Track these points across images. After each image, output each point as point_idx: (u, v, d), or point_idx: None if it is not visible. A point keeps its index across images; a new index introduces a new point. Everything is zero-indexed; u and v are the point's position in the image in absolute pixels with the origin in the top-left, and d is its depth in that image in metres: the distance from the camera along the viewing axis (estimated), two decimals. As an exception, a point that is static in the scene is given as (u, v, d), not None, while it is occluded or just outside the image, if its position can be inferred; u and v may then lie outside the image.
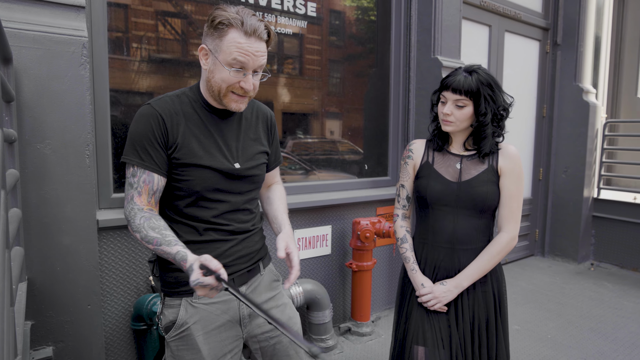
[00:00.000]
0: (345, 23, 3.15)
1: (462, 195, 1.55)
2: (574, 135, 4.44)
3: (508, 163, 1.57)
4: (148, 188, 1.25)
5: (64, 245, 1.78)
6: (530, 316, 3.28)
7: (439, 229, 1.59)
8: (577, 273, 4.28)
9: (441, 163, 1.61)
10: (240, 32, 1.18)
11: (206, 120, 1.32)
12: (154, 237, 1.18)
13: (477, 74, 1.51)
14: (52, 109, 1.72)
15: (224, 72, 1.21)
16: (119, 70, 2.27)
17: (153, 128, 1.24)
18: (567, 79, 4.47)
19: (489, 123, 1.52)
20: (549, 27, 4.51)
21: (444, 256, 1.60)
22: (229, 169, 1.31)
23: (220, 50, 1.20)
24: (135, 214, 1.22)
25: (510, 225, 1.57)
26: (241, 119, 1.41)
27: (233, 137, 1.36)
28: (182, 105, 1.30)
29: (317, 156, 3.11)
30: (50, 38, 1.70)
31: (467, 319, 1.57)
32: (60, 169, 1.75)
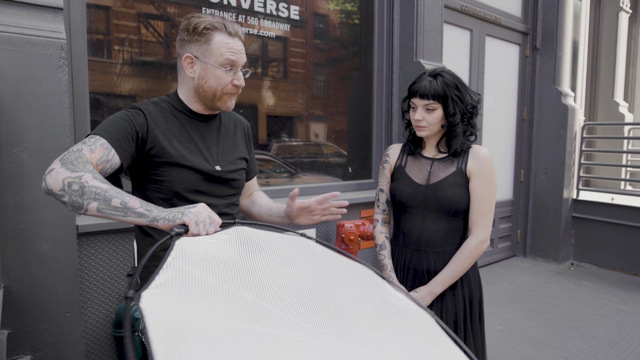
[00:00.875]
0: (329, 26, 3.17)
1: (429, 198, 1.57)
2: (554, 137, 4.54)
3: (477, 165, 1.56)
4: (103, 153, 1.12)
5: (42, 252, 1.75)
6: (513, 316, 3.33)
7: (408, 230, 1.63)
8: (557, 273, 4.36)
9: (413, 166, 1.65)
10: (225, 34, 1.26)
11: (186, 125, 1.35)
12: (104, 189, 1.00)
13: (442, 77, 1.53)
14: (29, 112, 1.68)
15: (218, 73, 1.26)
16: (99, 73, 2.24)
17: (132, 120, 1.22)
18: (547, 83, 4.57)
19: (459, 122, 1.55)
20: (528, 32, 4.60)
21: (412, 257, 1.63)
22: (210, 170, 1.33)
23: (210, 54, 1.25)
24: (78, 160, 1.04)
25: (479, 228, 1.55)
26: (220, 125, 1.44)
27: (213, 141, 1.39)
28: (161, 111, 1.32)
29: (302, 159, 3.11)
30: (27, 40, 1.66)
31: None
32: (38, 173, 1.71)
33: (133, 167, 1.30)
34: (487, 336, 2.97)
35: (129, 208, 0.99)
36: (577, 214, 4.66)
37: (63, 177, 0.99)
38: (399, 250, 1.68)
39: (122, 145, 1.17)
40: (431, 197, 1.56)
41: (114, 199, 0.99)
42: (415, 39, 3.15)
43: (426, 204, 1.58)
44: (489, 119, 4.39)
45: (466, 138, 1.59)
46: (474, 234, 1.57)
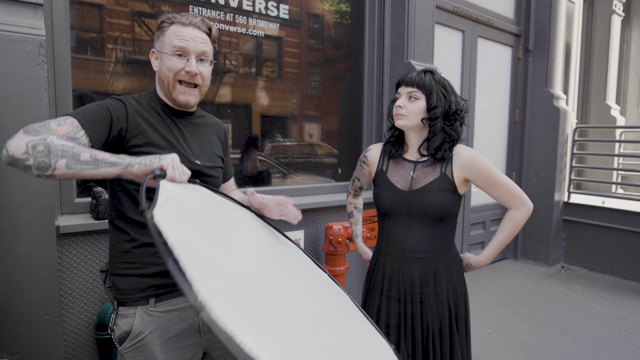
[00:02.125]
0: (319, 26, 3.14)
1: (413, 204, 1.52)
2: (545, 140, 4.53)
3: (468, 171, 1.52)
4: (71, 130, 1.08)
5: (20, 253, 1.71)
6: (502, 319, 3.31)
7: (392, 236, 1.60)
8: (548, 276, 4.36)
9: (395, 171, 1.60)
10: (178, 25, 1.29)
11: (165, 119, 1.35)
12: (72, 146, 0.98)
13: (432, 74, 1.53)
14: (7, 110, 1.64)
15: (168, 60, 1.28)
16: (82, 71, 2.20)
17: (109, 107, 1.20)
18: (539, 85, 4.57)
19: (439, 117, 1.49)
20: (521, 34, 4.60)
21: (395, 264, 1.59)
22: (191, 163, 1.32)
23: (163, 44, 1.30)
24: (44, 126, 1.02)
25: (514, 201, 1.55)
26: (199, 124, 1.45)
27: (191, 137, 1.39)
28: (141, 105, 1.33)
29: (294, 159, 3.08)
30: (4, 36, 1.62)
31: (419, 328, 1.55)
32: (15, 172, 1.67)
33: None
34: (476, 340, 2.96)
35: (100, 159, 0.97)
36: (568, 217, 4.66)
37: (26, 141, 0.95)
38: (383, 256, 1.64)
39: (94, 128, 1.14)
40: (415, 204, 1.51)
41: (82, 153, 0.97)
42: (406, 40, 3.13)
43: (410, 211, 1.53)
44: (480, 121, 4.38)
45: (447, 143, 1.53)
46: (514, 208, 1.56)
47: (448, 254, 1.58)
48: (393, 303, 1.58)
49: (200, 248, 0.72)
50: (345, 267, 2.85)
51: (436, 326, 1.55)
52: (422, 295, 1.55)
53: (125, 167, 0.98)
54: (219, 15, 2.59)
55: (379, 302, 1.62)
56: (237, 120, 2.81)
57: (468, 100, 1.66)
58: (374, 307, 1.63)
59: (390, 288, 1.60)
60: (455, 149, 1.55)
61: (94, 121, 1.14)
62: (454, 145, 1.55)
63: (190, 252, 0.64)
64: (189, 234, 0.73)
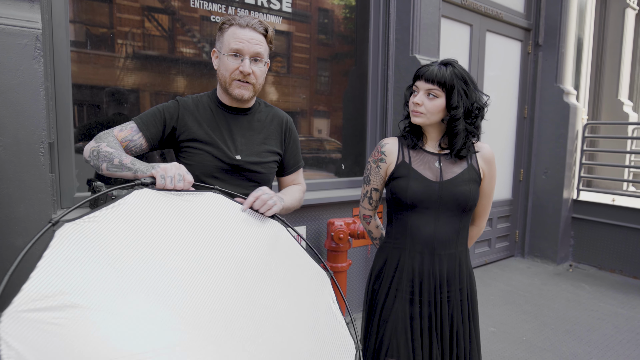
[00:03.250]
0: (323, 19, 3.10)
1: (445, 195, 1.45)
2: (555, 136, 4.45)
3: (487, 166, 1.56)
4: (130, 132, 1.40)
5: (17, 247, 1.71)
6: (507, 318, 3.27)
7: (418, 232, 1.49)
8: (555, 274, 4.29)
9: (419, 162, 1.51)
10: (236, 27, 1.39)
11: (217, 116, 1.48)
12: (109, 152, 1.26)
13: (453, 67, 1.44)
14: (3, 104, 1.64)
15: (226, 61, 1.39)
16: (83, 65, 2.19)
17: (169, 111, 1.44)
18: (548, 80, 4.47)
19: (461, 118, 1.43)
20: (530, 28, 4.50)
21: (424, 262, 1.49)
22: (229, 158, 1.44)
23: (222, 45, 1.42)
24: (104, 135, 1.36)
25: (481, 219, 1.66)
26: (253, 120, 1.53)
27: (240, 133, 1.49)
28: (200, 103, 1.49)
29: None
30: (0, 29, 1.61)
31: (447, 328, 1.50)
32: (12, 167, 1.67)
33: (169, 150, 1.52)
34: (480, 338, 2.92)
35: (123, 164, 1.22)
36: (577, 215, 4.58)
37: (90, 147, 1.31)
38: (404, 255, 1.52)
39: (149, 129, 1.41)
40: (446, 194, 1.45)
41: (115, 159, 1.24)
42: (411, 34, 3.08)
43: (440, 202, 1.46)
44: (488, 117, 4.27)
45: (469, 139, 1.50)
46: (477, 225, 1.67)
47: (467, 249, 1.58)
48: (424, 307, 1.49)
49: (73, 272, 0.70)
50: (347, 263, 2.82)
51: (460, 323, 1.51)
52: (450, 293, 1.50)
53: (135, 171, 1.19)
54: (220, 9, 2.56)
55: (411, 309, 1.50)
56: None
57: (489, 96, 1.60)
58: (404, 312, 1.50)
59: (421, 290, 1.50)
60: (478, 145, 1.55)
61: (149, 123, 1.42)
62: (474, 138, 1.52)
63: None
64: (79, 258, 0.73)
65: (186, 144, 1.44)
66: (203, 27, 2.54)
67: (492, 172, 1.57)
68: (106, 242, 0.80)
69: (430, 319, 1.49)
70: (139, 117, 1.44)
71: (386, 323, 1.52)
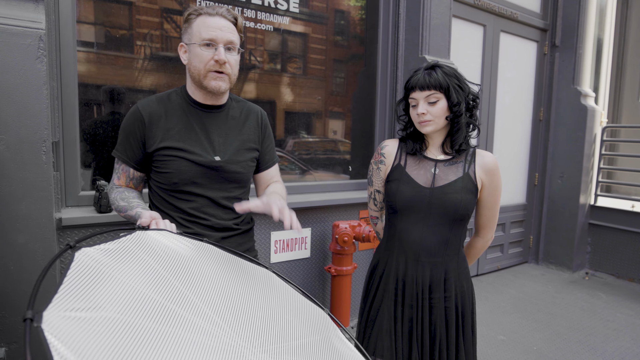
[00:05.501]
0: (331, 20, 3.08)
1: (435, 202, 1.44)
2: (571, 139, 4.33)
3: (487, 177, 1.49)
4: (125, 175, 1.44)
5: (18, 244, 1.73)
6: (517, 326, 3.18)
7: (405, 237, 1.49)
8: (570, 282, 4.17)
9: (414, 167, 1.50)
10: (205, 16, 1.32)
11: (190, 115, 1.40)
12: (123, 206, 1.34)
13: (440, 68, 1.43)
14: (7, 103, 1.66)
15: (198, 51, 1.31)
16: (89, 64, 2.21)
17: (134, 127, 1.37)
18: (565, 82, 4.36)
19: (463, 113, 1.44)
20: (547, 28, 4.39)
21: (409, 268, 1.50)
22: (208, 161, 1.36)
23: (192, 36, 1.33)
24: (112, 190, 1.44)
25: (486, 231, 1.60)
26: (228, 116, 1.46)
27: (217, 132, 1.41)
28: (169, 103, 1.40)
29: (303, 156, 3.04)
30: (4, 30, 1.64)
31: (427, 334, 1.49)
32: (14, 165, 1.69)
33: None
34: (487, 347, 2.85)
35: (119, 209, 1.37)
36: (594, 221, 4.44)
37: (112, 204, 1.44)
38: (391, 258, 1.54)
39: (129, 156, 1.40)
40: (436, 202, 1.44)
41: (115, 203, 1.39)
42: (421, 34, 3.03)
43: (430, 209, 1.45)
44: (503, 119, 4.21)
45: (468, 132, 1.50)
46: (481, 236, 1.61)
47: (459, 257, 1.53)
48: (406, 309, 1.50)
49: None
50: (352, 267, 2.79)
51: (443, 332, 1.49)
52: (432, 300, 1.49)
53: (134, 215, 1.29)
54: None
55: (394, 309, 1.51)
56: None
57: (481, 85, 1.57)
58: (390, 312, 1.52)
59: (404, 293, 1.51)
60: (478, 152, 1.51)
61: (126, 150, 1.40)
62: (473, 130, 1.52)
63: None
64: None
65: (159, 152, 1.36)
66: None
67: (495, 182, 1.50)
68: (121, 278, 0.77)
69: (411, 322, 1.50)
70: (117, 149, 1.42)
71: (374, 323, 1.54)
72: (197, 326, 0.73)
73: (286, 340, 0.84)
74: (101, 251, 0.79)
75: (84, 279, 0.67)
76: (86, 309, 0.61)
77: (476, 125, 1.51)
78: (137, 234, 0.95)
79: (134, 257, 0.84)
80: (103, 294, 0.67)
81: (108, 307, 0.64)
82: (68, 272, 0.65)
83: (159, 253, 0.91)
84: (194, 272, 0.91)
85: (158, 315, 0.70)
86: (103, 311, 0.63)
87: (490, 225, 1.58)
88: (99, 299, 0.65)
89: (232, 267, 1.05)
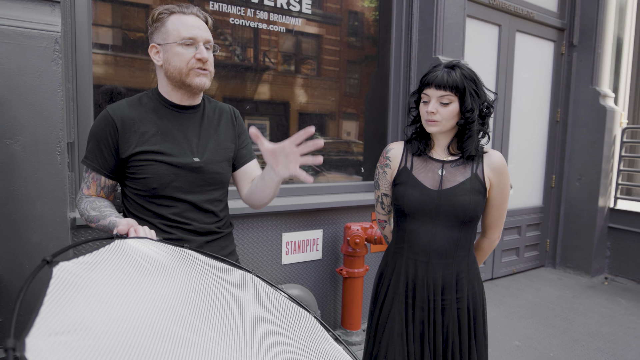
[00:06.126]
0: (344, 20, 3.07)
1: (443, 204, 1.43)
2: (590, 141, 4.23)
3: (495, 175, 1.47)
4: (96, 184, 1.37)
5: (33, 243, 1.76)
6: (533, 332, 3.11)
7: (415, 240, 1.48)
8: (589, 287, 4.07)
9: (421, 169, 1.49)
10: (179, 14, 1.29)
11: (165, 118, 1.35)
12: (94, 215, 1.28)
13: (460, 69, 1.40)
14: (23, 104, 1.69)
15: (178, 50, 1.27)
16: (104, 66, 2.25)
17: (106, 133, 1.31)
18: (584, 82, 4.26)
19: (475, 120, 1.41)
20: (564, 28, 4.31)
21: (419, 270, 1.48)
22: (187, 163, 1.33)
23: (168, 35, 1.28)
24: (81, 200, 1.37)
25: (493, 231, 1.58)
26: (203, 117, 1.42)
27: (194, 133, 1.38)
28: (141, 106, 1.35)
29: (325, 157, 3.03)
30: (21, 33, 1.67)
31: (440, 337, 1.46)
32: (30, 165, 1.72)
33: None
34: (502, 352, 2.79)
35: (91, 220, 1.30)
36: (614, 225, 4.33)
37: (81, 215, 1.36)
38: (401, 260, 1.53)
39: (101, 164, 1.33)
40: (444, 204, 1.42)
41: (86, 213, 1.32)
42: (434, 35, 3.00)
43: (438, 211, 1.43)
44: (518, 120, 4.15)
45: (479, 139, 1.47)
46: (487, 236, 1.60)
47: (470, 258, 1.51)
48: (417, 312, 1.48)
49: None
50: (364, 269, 2.77)
51: (456, 334, 1.47)
52: (444, 301, 1.47)
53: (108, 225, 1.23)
54: (239, 11, 2.57)
55: (405, 311, 1.50)
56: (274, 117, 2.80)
57: (497, 94, 1.54)
58: (401, 315, 1.50)
59: (415, 295, 1.49)
60: (487, 150, 1.49)
61: (97, 158, 1.33)
62: (484, 137, 1.50)
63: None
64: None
65: (134, 158, 1.30)
66: (223, 29, 2.56)
67: (502, 181, 1.48)
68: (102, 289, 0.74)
69: (422, 324, 1.48)
70: (86, 157, 1.35)
71: (384, 327, 1.53)
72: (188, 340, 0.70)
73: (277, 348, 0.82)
74: (80, 264, 0.74)
75: (64, 296, 0.64)
76: (70, 331, 0.59)
77: (487, 133, 1.48)
78: (116, 243, 0.90)
79: (115, 268, 0.79)
80: (86, 312, 0.64)
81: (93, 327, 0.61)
82: (48, 290, 0.62)
83: (140, 263, 0.87)
84: (178, 282, 0.87)
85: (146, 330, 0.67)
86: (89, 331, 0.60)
87: (497, 225, 1.56)
88: (83, 317, 0.62)
89: (215, 273, 1.01)
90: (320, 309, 2.85)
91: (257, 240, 2.58)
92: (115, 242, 0.91)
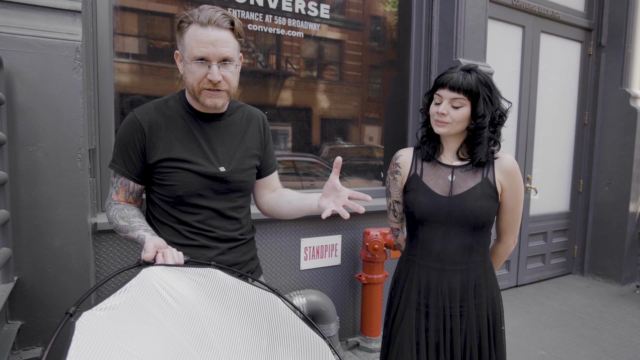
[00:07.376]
0: (364, 24, 3.04)
1: (454, 210, 1.40)
2: (620, 144, 4.07)
3: (507, 179, 1.43)
4: (124, 189, 1.36)
5: (55, 247, 1.79)
6: (560, 341, 3.00)
7: (427, 246, 1.46)
8: (619, 295, 3.91)
9: (430, 175, 1.47)
10: (197, 25, 1.19)
11: (191, 125, 1.33)
12: (123, 226, 1.26)
13: (476, 73, 1.38)
14: (45, 112, 1.73)
15: (191, 68, 1.22)
16: (125, 74, 2.29)
17: (133, 138, 1.29)
18: (613, 84, 4.12)
19: (486, 127, 1.38)
20: (592, 28, 4.17)
21: (432, 276, 1.46)
22: (213, 172, 1.31)
23: (184, 49, 1.23)
24: (110, 207, 1.35)
25: (508, 235, 1.55)
26: (229, 123, 1.40)
27: (219, 141, 1.35)
28: (168, 110, 1.33)
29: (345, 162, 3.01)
30: (44, 42, 1.71)
31: (458, 345, 1.42)
32: (51, 171, 1.76)
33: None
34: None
35: (120, 229, 1.29)
36: (646, 231, 4.15)
37: (110, 223, 1.35)
38: (414, 268, 1.51)
39: (129, 168, 1.32)
40: (455, 210, 1.40)
41: (114, 222, 1.31)
42: (455, 37, 2.94)
43: (449, 218, 1.41)
44: (544, 123, 4.03)
45: (490, 147, 1.43)
46: (502, 242, 1.57)
47: (486, 264, 1.48)
48: (432, 319, 1.46)
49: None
50: (383, 275, 2.73)
51: (475, 341, 1.43)
52: (462, 308, 1.44)
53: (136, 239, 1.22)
54: (257, 17, 2.58)
55: (417, 319, 1.48)
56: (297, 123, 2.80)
57: (512, 103, 1.50)
58: (410, 325, 1.48)
59: (428, 303, 1.47)
60: (498, 155, 1.46)
61: (125, 162, 1.31)
62: (495, 145, 1.46)
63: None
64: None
65: (161, 164, 1.29)
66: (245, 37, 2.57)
67: (515, 185, 1.44)
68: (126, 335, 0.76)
69: (437, 333, 1.44)
70: (114, 161, 1.33)
71: (396, 336, 1.51)
72: None
73: None
74: (104, 311, 0.73)
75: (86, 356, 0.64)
76: None
77: (498, 141, 1.45)
78: (143, 275, 0.90)
79: (139, 312, 0.79)
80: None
81: None
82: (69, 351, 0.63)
83: (166, 299, 0.88)
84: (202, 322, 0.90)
85: None
86: None
87: (512, 229, 1.52)
88: None
89: (237, 299, 1.04)
90: (339, 315, 2.82)
91: (276, 245, 2.57)
92: (141, 273, 0.91)
